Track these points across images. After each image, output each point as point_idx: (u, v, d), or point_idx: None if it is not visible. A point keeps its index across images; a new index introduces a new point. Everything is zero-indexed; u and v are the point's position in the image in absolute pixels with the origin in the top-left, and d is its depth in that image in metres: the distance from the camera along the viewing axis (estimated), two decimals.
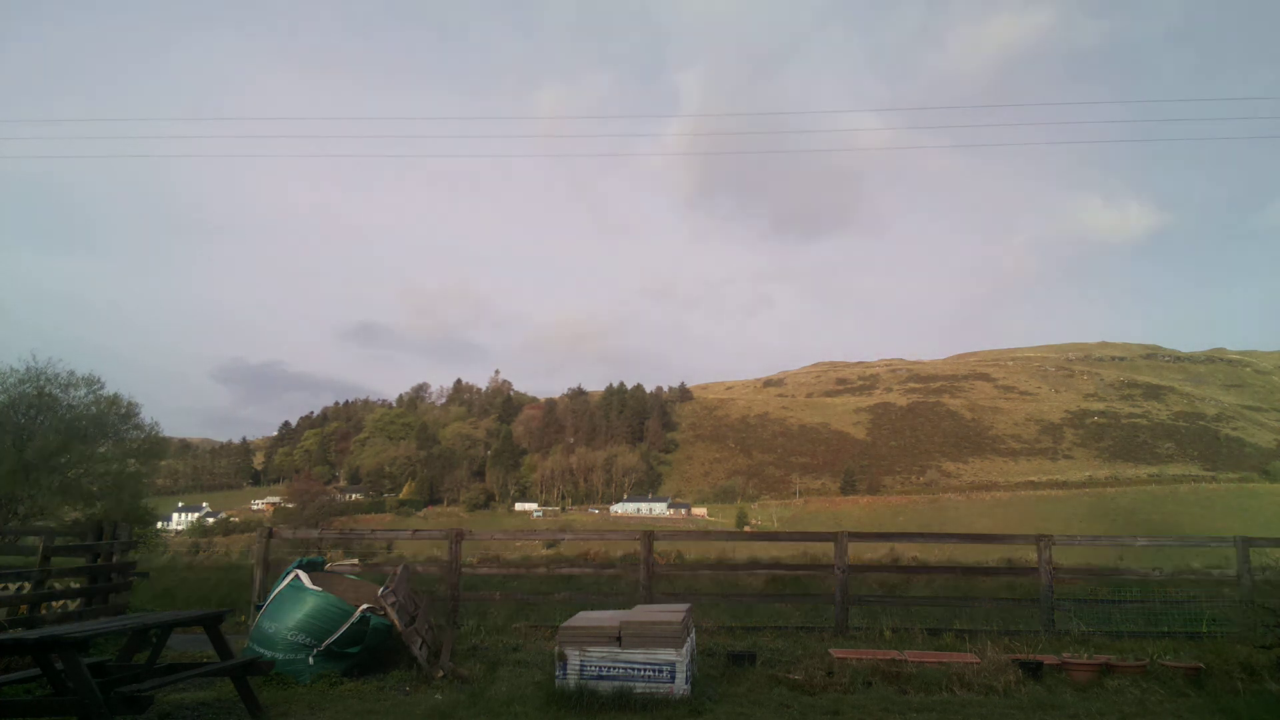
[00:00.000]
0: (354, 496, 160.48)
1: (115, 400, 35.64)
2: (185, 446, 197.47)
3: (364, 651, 8.14)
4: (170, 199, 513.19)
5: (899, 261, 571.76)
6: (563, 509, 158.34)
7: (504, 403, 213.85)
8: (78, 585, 10.20)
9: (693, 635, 8.05)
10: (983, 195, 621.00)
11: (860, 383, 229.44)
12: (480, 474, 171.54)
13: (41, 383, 32.27)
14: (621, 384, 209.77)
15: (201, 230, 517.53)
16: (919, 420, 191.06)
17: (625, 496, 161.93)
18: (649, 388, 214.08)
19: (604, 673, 7.00)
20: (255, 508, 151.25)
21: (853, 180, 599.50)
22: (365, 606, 8.22)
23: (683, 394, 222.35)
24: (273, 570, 10.73)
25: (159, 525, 60.23)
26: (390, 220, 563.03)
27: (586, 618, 7.68)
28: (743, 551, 22.39)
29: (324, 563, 9.82)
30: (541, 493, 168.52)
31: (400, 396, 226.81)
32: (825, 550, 11.54)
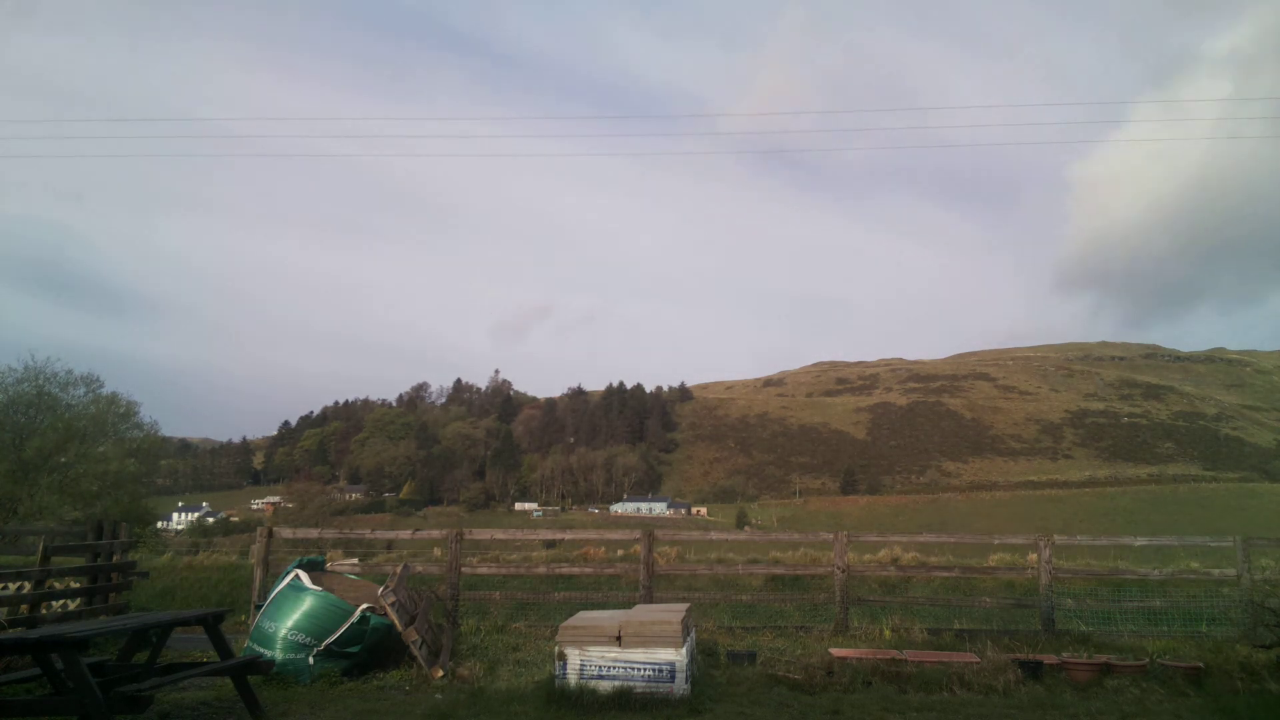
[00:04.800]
0: (354, 496, 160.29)
1: (114, 400, 35.65)
2: (185, 446, 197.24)
3: (364, 651, 8.13)
4: (166, 201, 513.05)
5: (899, 260, 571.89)
6: (563, 509, 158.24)
7: (504, 402, 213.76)
8: (78, 585, 10.20)
9: (693, 635, 8.05)
10: (982, 193, 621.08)
11: (860, 382, 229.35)
12: (480, 474, 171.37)
13: (40, 382, 32.24)
14: (621, 384, 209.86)
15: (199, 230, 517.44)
16: (919, 420, 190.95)
17: (625, 496, 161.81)
18: (649, 387, 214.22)
19: (604, 672, 7.00)
20: (255, 507, 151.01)
21: (851, 178, 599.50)
22: (365, 606, 8.21)
23: (683, 394, 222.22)
24: (273, 570, 10.73)
25: (159, 525, 60.05)
26: (386, 218, 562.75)
27: (586, 617, 7.68)
28: (743, 551, 22.39)
29: (324, 562, 9.81)
30: (541, 492, 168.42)
31: (400, 396, 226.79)
32: (825, 550, 11.55)
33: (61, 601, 9.64)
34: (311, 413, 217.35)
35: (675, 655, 6.99)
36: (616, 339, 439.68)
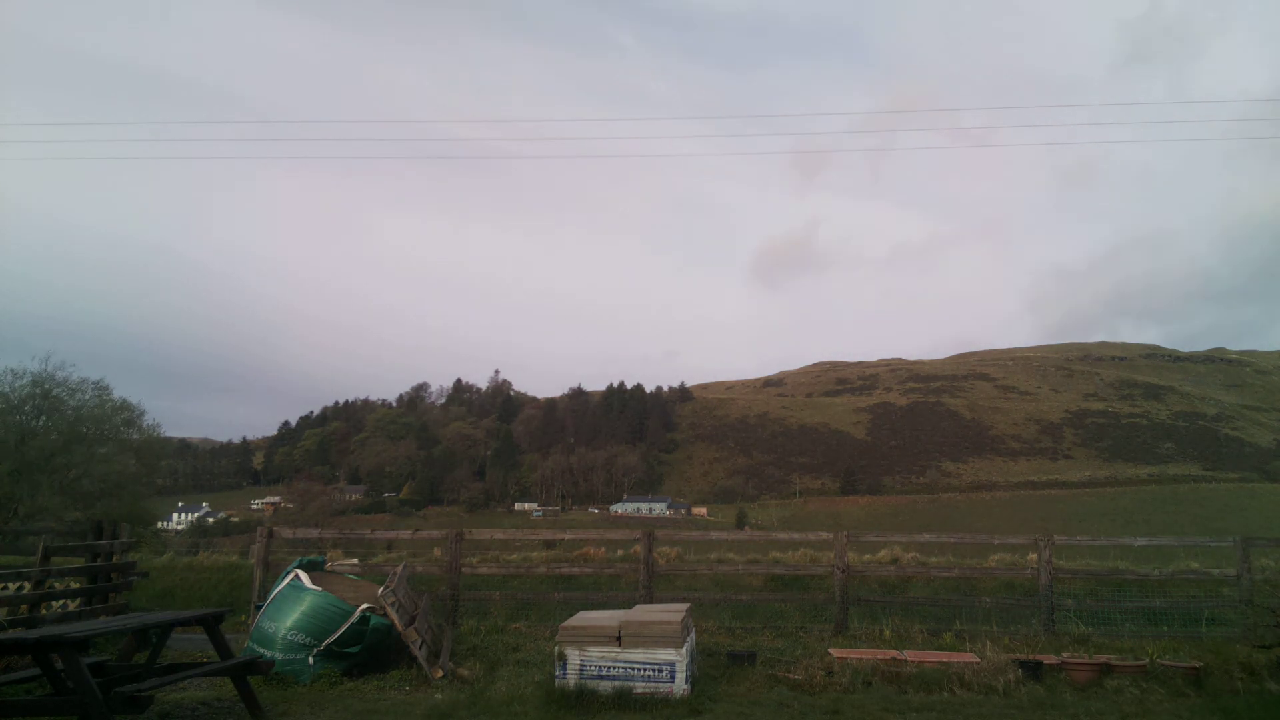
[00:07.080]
0: (354, 496, 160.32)
1: (120, 404, 35.71)
2: (185, 446, 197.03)
3: (364, 651, 8.14)
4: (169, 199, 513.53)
5: (898, 260, 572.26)
6: (563, 509, 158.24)
7: (504, 402, 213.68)
8: (78, 585, 10.20)
9: (692, 635, 8.05)
10: (984, 193, 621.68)
11: (860, 383, 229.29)
12: (480, 474, 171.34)
13: (48, 385, 32.32)
14: (621, 384, 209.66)
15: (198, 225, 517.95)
16: (919, 420, 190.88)
17: (625, 496, 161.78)
18: (649, 388, 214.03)
19: (604, 672, 7.00)
20: (255, 508, 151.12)
21: (850, 178, 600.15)
22: (365, 606, 8.22)
23: (683, 394, 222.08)
24: (273, 570, 10.72)
25: (159, 525, 60.14)
26: (388, 221, 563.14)
27: (586, 617, 7.69)
28: (742, 551, 22.38)
29: (324, 562, 9.82)
30: (541, 493, 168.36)
31: (400, 396, 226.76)
32: (825, 550, 11.54)
33: (61, 601, 9.64)
34: (311, 413, 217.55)
35: (675, 655, 7.00)
36: (616, 339, 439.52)
